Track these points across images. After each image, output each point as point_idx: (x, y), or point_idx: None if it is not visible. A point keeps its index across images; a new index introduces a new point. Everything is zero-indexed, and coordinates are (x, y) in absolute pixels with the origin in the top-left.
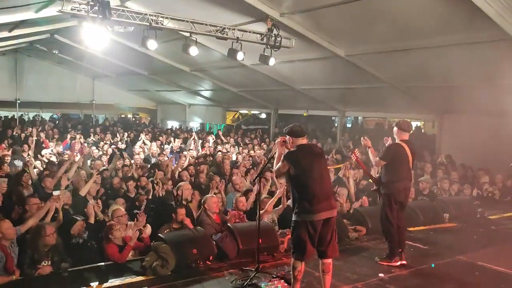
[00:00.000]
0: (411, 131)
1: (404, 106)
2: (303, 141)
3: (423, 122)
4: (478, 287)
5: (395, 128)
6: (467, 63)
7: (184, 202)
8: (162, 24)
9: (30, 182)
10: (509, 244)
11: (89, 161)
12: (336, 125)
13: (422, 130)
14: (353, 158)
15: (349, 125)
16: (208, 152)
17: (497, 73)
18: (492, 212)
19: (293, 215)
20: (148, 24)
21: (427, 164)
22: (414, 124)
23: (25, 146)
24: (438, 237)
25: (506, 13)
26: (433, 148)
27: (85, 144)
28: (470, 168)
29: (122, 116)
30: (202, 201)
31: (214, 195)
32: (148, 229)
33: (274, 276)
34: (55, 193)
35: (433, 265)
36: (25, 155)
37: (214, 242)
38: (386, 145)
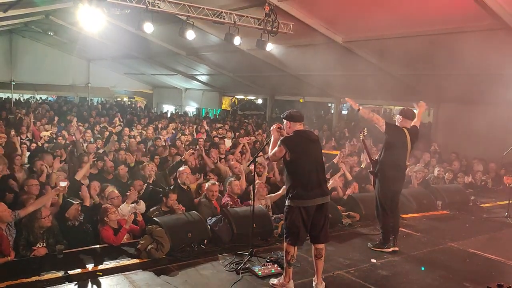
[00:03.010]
0: (414, 119)
1: (400, 94)
2: (300, 126)
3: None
4: (469, 274)
5: (398, 116)
6: (464, 52)
7: (184, 187)
8: (158, 7)
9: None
10: (500, 232)
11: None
12: (332, 112)
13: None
14: (361, 136)
15: (345, 112)
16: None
17: (494, 62)
18: (484, 200)
19: (287, 200)
20: (144, 6)
21: (425, 153)
22: None
23: (23, 128)
24: (431, 224)
25: (504, 1)
26: (429, 136)
27: (81, 128)
28: (464, 156)
29: (118, 99)
30: (205, 187)
31: (215, 183)
32: (142, 205)
33: (268, 260)
34: (62, 183)
35: (423, 268)
36: (23, 137)
37: (208, 226)
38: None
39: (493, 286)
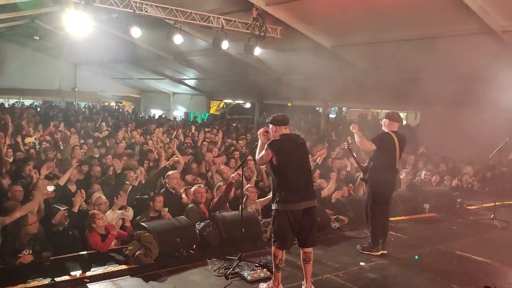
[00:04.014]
0: (401, 122)
1: (388, 98)
2: (286, 130)
3: (406, 114)
4: (457, 275)
5: (384, 120)
6: (450, 56)
7: (172, 191)
8: (146, 12)
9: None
10: (486, 234)
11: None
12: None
13: (405, 121)
14: (345, 146)
15: (332, 116)
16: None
17: (479, 66)
18: (471, 202)
19: (273, 204)
20: (131, 11)
21: (410, 156)
22: None
23: (1, 133)
24: (419, 227)
25: (488, 6)
26: (416, 139)
27: (68, 133)
28: (451, 159)
29: (105, 104)
30: (191, 191)
31: (201, 186)
32: (130, 212)
33: (257, 264)
34: (49, 188)
35: (416, 257)
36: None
37: (197, 231)
38: (378, 133)
39: None
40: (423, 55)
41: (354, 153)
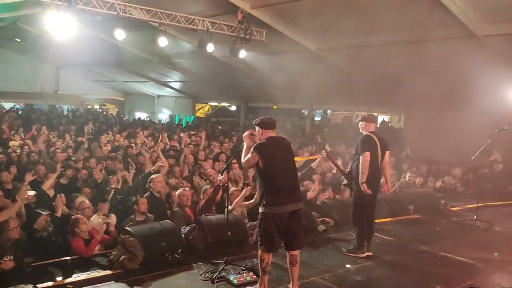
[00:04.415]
0: (377, 122)
1: (372, 101)
2: (273, 133)
3: (390, 116)
4: (441, 276)
5: (361, 123)
6: (433, 60)
7: (157, 195)
8: (130, 14)
9: None
10: (469, 235)
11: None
12: (305, 118)
13: (389, 124)
14: (323, 154)
15: (318, 119)
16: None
17: (462, 69)
18: (454, 204)
19: (260, 207)
20: (115, 13)
21: (390, 158)
22: (381, 118)
23: None
24: (403, 229)
25: (469, 10)
26: (400, 142)
27: (51, 136)
28: (435, 161)
29: (89, 107)
30: (176, 194)
31: (186, 189)
32: (113, 219)
33: (243, 268)
34: (30, 193)
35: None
36: None
37: (182, 235)
38: (359, 139)
39: None
40: (407, 59)
41: (334, 160)
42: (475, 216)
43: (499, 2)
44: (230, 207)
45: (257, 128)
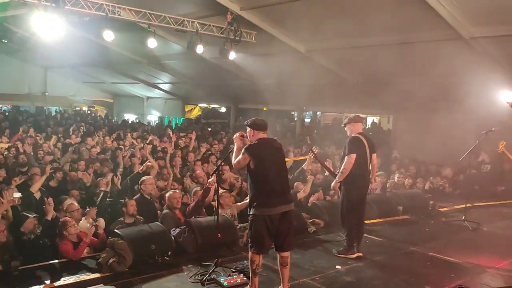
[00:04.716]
0: (363, 123)
1: (361, 102)
2: (264, 135)
3: (379, 118)
4: (430, 276)
5: (347, 125)
6: (421, 62)
7: (148, 197)
8: (119, 15)
9: None
10: (458, 235)
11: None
12: (295, 119)
13: (379, 125)
14: (311, 156)
15: (307, 120)
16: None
17: (449, 71)
18: (443, 204)
19: (251, 208)
20: (104, 14)
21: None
22: (370, 119)
23: None
24: (393, 229)
25: (457, 13)
26: (389, 143)
27: (38, 138)
28: (423, 162)
29: (77, 109)
30: (166, 196)
31: (177, 191)
32: (101, 223)
33: (233, 270)
34: (16, 195)
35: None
36: None
37: (172, 237)
38: (347, 140)
39: None
40: (396, 60)
41: (322, 161)
42: (464, 217)
43: (486, 6)
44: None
45: (248, 129)
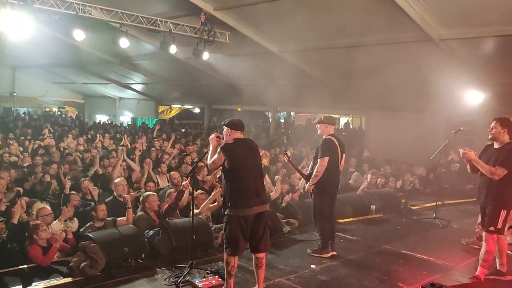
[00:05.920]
0: (335, 124)
1: (334, 102)
2: (241, 135)
3: (351, 118)
4: (402, 274)
5: (320, 125)
6: (392, 62)
7: (120, 199)
8: (89, 14)
9: None
10: (429, 233)
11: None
12: (270, 120)
13: (351, 126)
14: (284, 159)
15: (281, 120)
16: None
17: (418, 72)
18: (414, 203)
19: (225, 209)
20: (74, 13)
21: (351, 158)
22: (343, 120)
23: None
24: (366, 228)
25: (428, 16)
26: (361, 143)
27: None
28: (395, 161)
29: (46, 110)
30: (141, 199)
31: (155, 194)
32: (75, 223)
33: (208, 271)
34: None
35: None
36: None
37: (146, 240)
38: (320, 142)
39: (426, 285)
40: (367, 61)
41: (295, 165)
42: (434, 215)
43: (455, 9)
44: (197, 211)
45: (225, 129)
